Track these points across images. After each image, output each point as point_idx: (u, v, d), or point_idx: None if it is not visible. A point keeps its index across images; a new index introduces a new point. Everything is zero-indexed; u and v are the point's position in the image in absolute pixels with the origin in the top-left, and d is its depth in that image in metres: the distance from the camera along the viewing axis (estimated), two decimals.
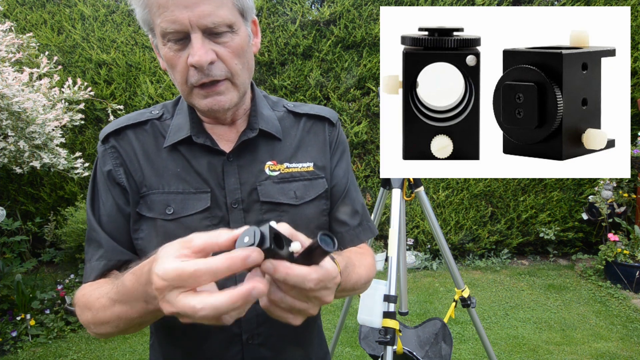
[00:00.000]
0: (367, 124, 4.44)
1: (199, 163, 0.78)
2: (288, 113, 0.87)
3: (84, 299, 0.72)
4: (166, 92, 4.35)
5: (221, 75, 0.70)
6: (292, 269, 0.49)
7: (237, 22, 0.70)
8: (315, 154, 0.85)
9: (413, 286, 3.99)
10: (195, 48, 0.67)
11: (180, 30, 0.67)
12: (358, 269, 0.78)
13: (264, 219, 0.78)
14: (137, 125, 0.80)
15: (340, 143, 0.90)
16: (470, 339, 3.03)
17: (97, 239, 0.77)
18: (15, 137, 2.82)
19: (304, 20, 4.36)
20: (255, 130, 0.80)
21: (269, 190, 0.79)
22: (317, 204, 0.83)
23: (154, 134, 0.80)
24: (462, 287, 1.83)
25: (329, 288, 0.55)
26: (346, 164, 0.90)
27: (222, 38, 0.69)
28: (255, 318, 0.79)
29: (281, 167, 0.82)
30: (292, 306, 0.53)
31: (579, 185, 4.41)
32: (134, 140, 0.79)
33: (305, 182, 0.83)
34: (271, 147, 0.82)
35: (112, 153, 0.79)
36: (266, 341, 0.81)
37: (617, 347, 2.88)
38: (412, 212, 4.54)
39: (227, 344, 0.79)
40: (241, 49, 0.72)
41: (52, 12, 4.39)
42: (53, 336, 3.20)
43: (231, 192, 0.78)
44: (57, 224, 4.12)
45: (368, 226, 0.92)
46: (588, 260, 4.42)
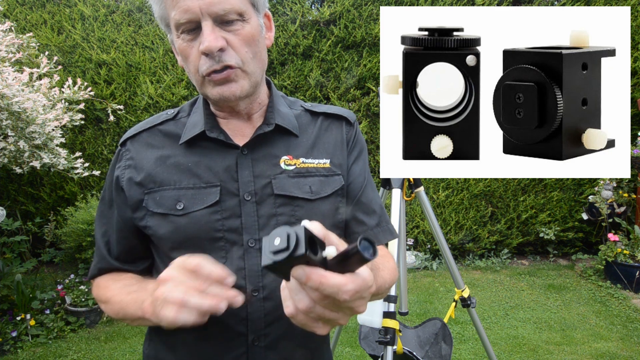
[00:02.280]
0: (367, 124, 4.44)
1: (212, 158, 0.79)
2: (305, 112, 0.87)
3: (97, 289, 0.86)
4: (166, 92, 4.35)
5: (232, 61, 0.71)
6: (327, 278, 0.44)
7: (247, 11, 0.71)
8: (332, 151, 0.84)
9: (413, 286, 3.99)
10: (205, 35, 0.68)
11: (192, 19, 0.69)
12: (382, 272, 0.76)
13: (277, 213, 0.77)
14: (153, 127, 0.83)
15: (358, 142, 0.89)
16: (470, 339, 3.03)
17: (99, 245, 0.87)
18: (15, 137, 2.82)
19: (304, 20, 4.36)
20: (271, 125, 0.80)
21: (283, 183, 0.78)
22: (332, 201, 0.82)
23: (169, 133, 0.82)
24: (462, 287, 1.83)
25: (364, 298, 0.50)
26: (363, 163, 0.89)
27: (232, 26, 0.70)
28: (262, 318, 0.76)
29: (297, 161, 0.81)
30: (321, 316, 0.49)
31: (579, 185, 4.41)
32: (148, 140, 0.82)
33: (321, 177, 0.81)
34: (287, 142, 0.82)
35: (125, 154, 0.82)
36: (273, 344, 0.77)
37: (617, 347, 2.88)
38: (412, 212, 4.54)
39: (231, 345, 0.76)
40: (252, 37, 0.72)
41: (52, 12, 4.39)
42: (53, 336, 3.20)
43: (244, 185, 0.77)
44: (57, 224, 4.12)
45: (388, 228, 0.90)
46: (588, 260, 4.41)
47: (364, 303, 0.51)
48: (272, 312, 0.76)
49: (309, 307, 0.48)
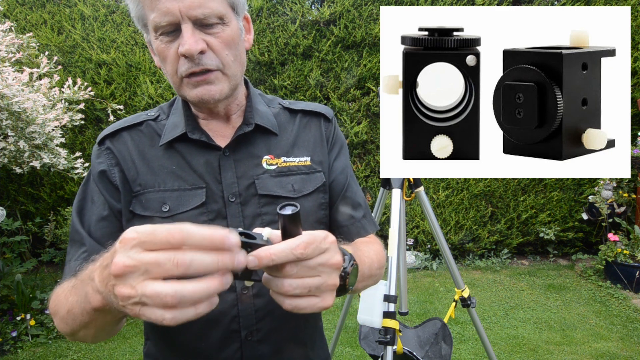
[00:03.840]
0: (367, 124, 4.44)
1: (194, 159, 0.79)
2: (283, 110, 0.88)
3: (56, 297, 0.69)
4: (166, 92, 4.35)
5: (212, 64, 0.71)
6: (273, 247, 0.48)
7: (227, 15, 0.72)
8: (312, 148, 0.86)
9: (413, 286, 3.99)
10: (185, 37, 0.68)
11: (171, 22, 0.68)
12: (368, 252, 0.78)
13: (261, 212, 0.79)
14: (133, 127, 0.81)
15: (338, 138, 0.91)
16: (470, 339, 3.03)
17: (79, 239, 0.76)
18: (15, 137, 2.82)
19: (304, 20, 4.36)
20: (251, 125, 0.81)
21: (266, 183, 0.80)
22: (315, 198, 0.84)
23: (150, 134, 0.81)
24: (462, 287, 1.83)
25: (327, 249, 0.52)
26: (345, 159, 0.91)
27: (212, 29, 0.70)
28: (254, 314, 0.78)
29: (278, 161, 0.82)
30: (305, 286, 0.50)
31: (579, 185, 4.41)
32: (129, 141, 0.80)
33: (302, 175, 0.83)
34: (268, 141, 0.83)
35: (107, 154, 0.79)
36: (265, 338, 0.80)
37: (617, 347, 2.88)
38: (412, 212, 4.54)
39: (226, 341, 0.78)
40: (232, 40, 0.73)
41: (52, 12, 4.39)
42: (53, 336, 3.20)
43: (228, 186, 0.78)
44: (57, 224, 4.12)
45: (372, 219, 0.93)
46: (588, 260, 4.42)
47: (333, 254, 0.53)
48: (263, 308, 0.78)
49: (288, 286, 0.50)
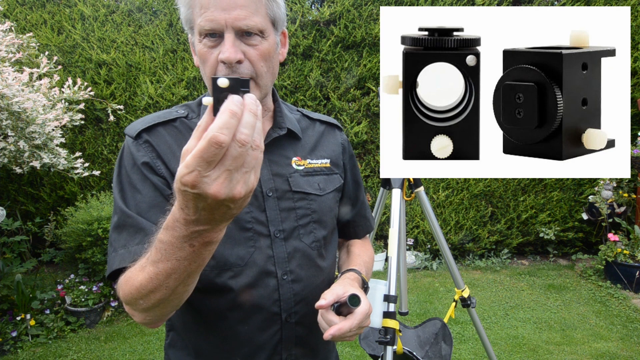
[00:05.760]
0: (367, 124, 4.44)
1: None
2: (302, 116, 0.99)
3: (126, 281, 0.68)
4: (166, 92, 4.35)
5: (247, 74, 0.77)
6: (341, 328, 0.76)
7: (267, 29, 0.78)
8: (331, 152, 0.98)
9: (413, 286, 3.99)
10: (226, 46, 0.74)
11: (216, 29, 0.74)
12: (369, 264, 1.00)
13: (295, 207, 0.89)
14: (167, 123, 0.85)
15: (350, 148, 1.05)
16: (470, 339, 3.03)
17: (134, 223, 0.75)
18: (15, 137, 2.82)
19: (304, 20, 4.36)
20: (284, 129, 0.90)
21: (298, 181, 0.90)
22: (334, 195, 0.96)
23: (185, 131, 0.85)
24: (462, 287, 1.83)
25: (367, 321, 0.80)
26: (357, 166, 1.07)
27: (252, 40, 0.77)
28: (292, 297, 0.87)
29: (304, 162, 0.93)
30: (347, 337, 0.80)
31: (579, 185, 4.41)
32: (167, 135, 0.84)
33: (324, 176, 0.95)
34: (294, 144, 0.93)
35: (146, 147, 0.81)
36: (301, 320, 0.89)
37: (617, 347, 2.88)
38: (412, 212, 4.54)
39: (268, 324, 0.86)
40: (268, 53, 0.79)
41: (52, 12, 4.39)
42: (53, 336, 3.20)
43: (265, 182, 0.87)
44: (57, 224, 4.12)
45: (371, 219, 1.13)
46: (588, 260, 4.42)
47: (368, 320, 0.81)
48: (299, 292, 0.88)
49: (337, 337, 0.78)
